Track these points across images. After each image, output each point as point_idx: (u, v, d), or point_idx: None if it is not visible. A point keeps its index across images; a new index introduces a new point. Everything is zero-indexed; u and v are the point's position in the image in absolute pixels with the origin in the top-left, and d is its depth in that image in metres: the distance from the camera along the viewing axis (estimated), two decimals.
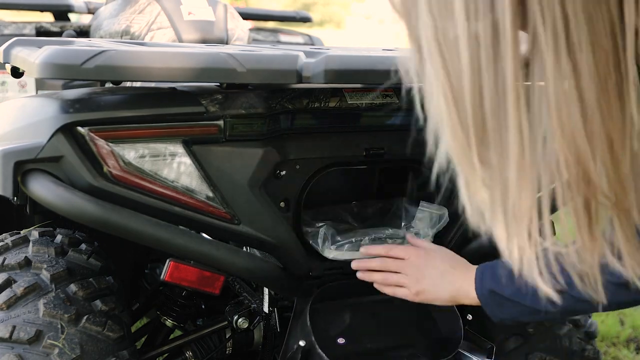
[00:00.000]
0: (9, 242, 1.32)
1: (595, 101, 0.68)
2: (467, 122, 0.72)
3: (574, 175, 0.70)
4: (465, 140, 0.73)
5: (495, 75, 0.69)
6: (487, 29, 0.66)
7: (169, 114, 1.16)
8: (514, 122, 0.69)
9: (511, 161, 0.71)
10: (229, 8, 2.27)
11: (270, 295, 1.49)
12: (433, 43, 0.69)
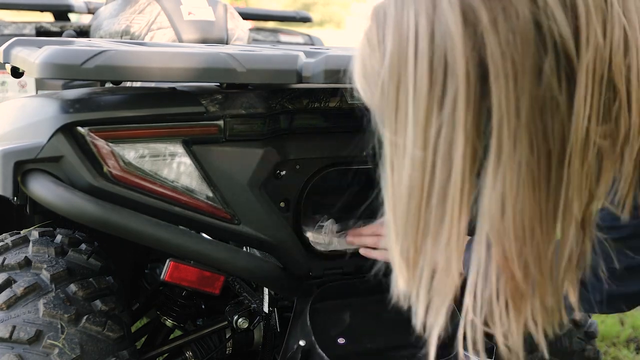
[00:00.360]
0: (9, 242, 1.32)
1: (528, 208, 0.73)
2: (396, 216, 0.78)
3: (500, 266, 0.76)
4: (395, 234, 0.80)
5: (441, 179, 0.73)
6: (441, 141, 0.71)
7: (169, 114, 1.16)
8: (454, 220, 0.75)
9: (446, 251, 0.77)
10: (229, 8, 2.27)
11: (270, 295, 1.49)
12: (387, 147, 0.75)
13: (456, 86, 0.68)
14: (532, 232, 0.75)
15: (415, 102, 0.70)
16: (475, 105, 0.69)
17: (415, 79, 0.70)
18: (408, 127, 0.72)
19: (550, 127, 0.70)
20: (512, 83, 0.68)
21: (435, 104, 0.70)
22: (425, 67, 0.69)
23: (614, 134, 0.75)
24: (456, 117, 0.70)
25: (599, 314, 1.37)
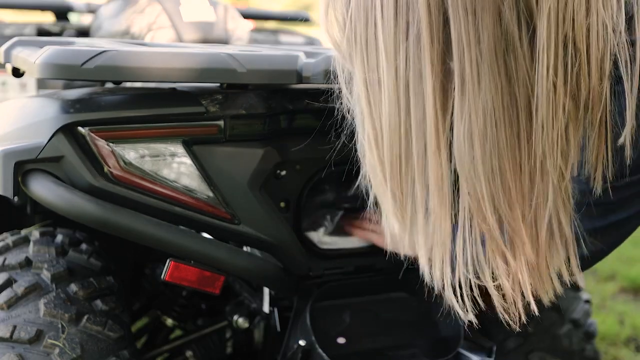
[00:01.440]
0: (9, 242, 1.33)
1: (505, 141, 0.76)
2: (383, 159, 0.82)
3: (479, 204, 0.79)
4: (383, 177, 0.83)
5: (416, 114, 0.77)
6: (410, 73, 0.76)
7: (169, 114, 1.16)
8: (433, 158, 0.78)
9: (432, 193, 0.80)
10: (230, 8, 2.27)
11: (270, 295, 1.49)
12: (362, 87, 0.79)
13: (419, 16, 0.73)
14: (503, 177, 0.77)
15: (383, 34, 0.75)
16: (438, 36, 0.74)
17: (382, 12, 0.75)
18: (380, 59, 0.77)
19: (513, 70, 0.74)
20: (471, 17, 0.72)
21: (401, 34, 0.75)
22: (390, 1, 0.75)
23: (576, 97, 0.78)
24: (422, 47, 0.74)
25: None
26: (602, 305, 2.96)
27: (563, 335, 1.59)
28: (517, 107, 0.76)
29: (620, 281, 3.21)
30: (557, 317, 1.61)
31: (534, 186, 0.80)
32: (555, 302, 1.19)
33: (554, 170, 0.79)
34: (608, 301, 3.00)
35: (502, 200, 0.79)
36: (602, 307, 2.93)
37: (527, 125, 0.77)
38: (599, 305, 2.93)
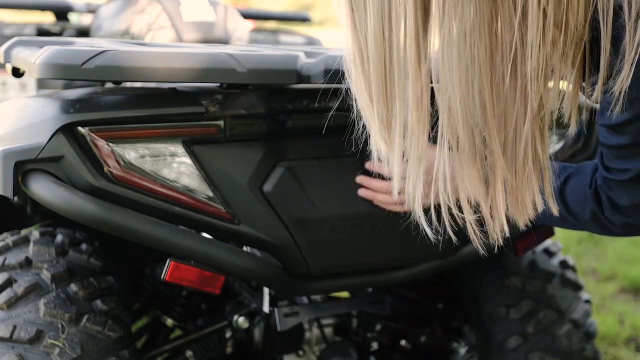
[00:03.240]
0: (9, 242, 1.33)
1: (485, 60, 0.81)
2: (370, 79, 0.87)
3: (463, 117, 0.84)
4: (368, 96, 0.89)
5: (398, 32, 0.83)
6: None
7: (169, 114, 1.16)
8: (413, 73, 0.83)
9: (411, 108, 0.85)
10: (230, 8, 2.27)
11: (270, 295, 1.50)
12: (347, 9, 0.85)
13: None
14: (481, 94, 0.82)
15: None
16: None
17: None
18: None
19: None
20: None
21: None
22: None
23: (563, 28, 0.82)
24: None
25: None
26: (602, 305, 2.96)
27: (563, 335, 1.59)
28: (500, 27, 0.80)
29: (620, 281, 3.21)
30: (557, 317, 1.61)
31: (513, 107, 0.83)
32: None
33: (536, 95, 0.83)
34: (608, 301, 3.00)
35: (478, 116, 0.83)
36: (602, 307, 2.93)
37: (510, 46, 0.80)
38: (599, 305, 2.93)
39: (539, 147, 0.89)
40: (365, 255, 1.35)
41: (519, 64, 0.81)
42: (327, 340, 1.61)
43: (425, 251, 1.41)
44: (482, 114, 0.84)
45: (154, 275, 1.75)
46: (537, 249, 1.72)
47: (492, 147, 0.86)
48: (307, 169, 1.25)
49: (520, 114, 0.84)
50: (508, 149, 0.87)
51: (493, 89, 0.82)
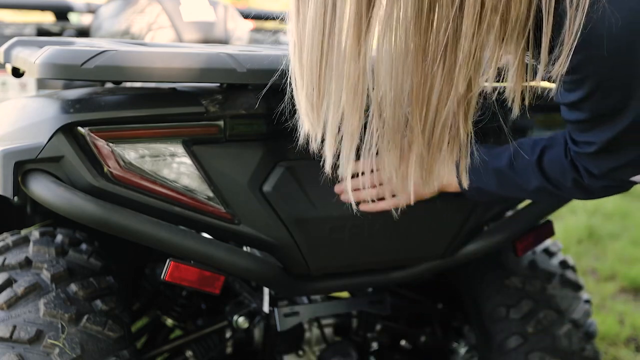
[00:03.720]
0: (9, 242, 1.33)
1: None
2: (303, 64, 0.94)
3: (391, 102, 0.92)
4: (301, 80, 0.96)
5: (342, 15, 0.88)
6: None
7: (169, 114, 1.16)
8: (351, 55, 0.89)
9: (346, 89, 0.91)
10: (230, 8, 2.27)
11: (270, 295, 1.50)
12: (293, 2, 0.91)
13: None
14: (412, 75, 0.89)
15: None
16: None
17: None
18: None
19: None
20: None
21: None
22: None
23: (504, 17, 0.88)
24: None
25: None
26: (602, 305, 2.96)
27: (563, 335, 1.59)
28: (437, 17, 0.86)
29: (620, 281, 3.21)
30: (557, 317, 1.61)
31: (438, 89, 0.90)
32: None
33: (464, 80, 0.89)
34: (608, 301, 3.00)
35: (405, 96, 0.91)
36: (602, 307, 2.93)
37: (444, 34, 0.86)
38: (599, 305, 2.93)
39: (461, 128, 0.96)
40: (365, 255, 1.35)
41: (449, 52, 0.87)
42: (327, 340, 1.61)
43: (425, 251, 1.41)
44: (410, 95, 0.91)
45: (154, 275, 1.75)
46: (537, 249, 1.72)
47: (413, 124, 0.93)
48: (307, 169, 1.25)
49: (444, 96, 0.91)
50: (427, 128, 0.94)
51: (421, 72, 0.89)
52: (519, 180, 1.18)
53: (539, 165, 1.15)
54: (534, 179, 1.16)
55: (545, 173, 1.15)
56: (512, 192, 1.21)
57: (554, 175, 1.14)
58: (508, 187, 1.20)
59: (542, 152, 1.15)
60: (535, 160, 1.15)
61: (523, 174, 1.17)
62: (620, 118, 0.95)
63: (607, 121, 0.96)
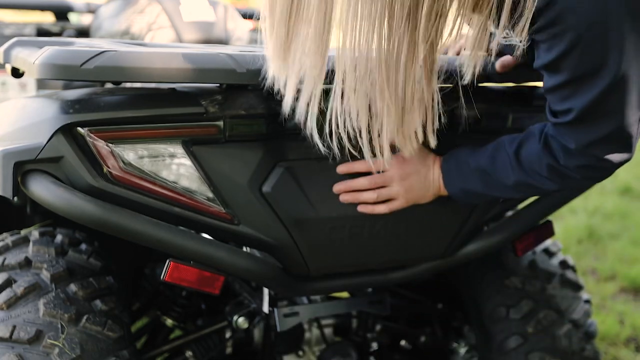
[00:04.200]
0: (9, 242, 1.33)
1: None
2: (275, 9, 1.04)
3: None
4: (272, 23, 1.05)
5: None
6: None
7: (168, 114, 1.16)
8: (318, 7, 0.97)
9: (311, 37, 0.99)
10: (230, 8, 2.27)
11: (270, 295, 1.50)
12: None
13: None
14: (377, 34, 0.95)
15: None
16: None
17: None
18: None
19: None
20: None
21: None
22: None
23: None
24: None
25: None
26: (602, 305, 2.96)
27: (563, 335, 1.59)
28: None
29: (620, 281, 3.20)
30: (557, 317, 1.61)
31: (404, 50, 0.97)
32: None
33: (425, 41, 0.96)
34: (608, 301, 3.00)
35: (374, 56, 0.97)
36: (602, 307, 2.93)
37: None
38: (599, 305, 2.93)
39: (425, 88, 1.03)
40: (365, 256, 1.35)
41: (412, 12, 0.94)
42: (327, 341, 1.61)
43: (425, 251, 1.41)
44: (377, 55, 0.97)
45: (154, 275, 1.75)
46: (537, 249, 1.72)
47: (383, 85, 0.99)
48: (306, 170, 1.25)
49: (410, 57, 0.97)
50: (397, 88, 1.00)
51: (389, 32, 0.95)
52: (500, 176, 1.20)
53: (516, 158, 1.17)
54: (512, 173, 1.18)
55: (522, 165, 1.17)
56: (495, 190, 1.23)
57: (530, 166, 1.16)
58: (491, 185, 1.22)
59: (519, 145, 1.18)
60: (513, 153, 1.18)
61: (503, 170, 1.19)
62: (599, 78, 0.98)
63: (587, 82, 0.99)
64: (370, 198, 1.26)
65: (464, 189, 1.25)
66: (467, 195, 1.26)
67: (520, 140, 1.18)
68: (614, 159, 1.08)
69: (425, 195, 1.29)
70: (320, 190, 1.26)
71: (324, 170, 1.27)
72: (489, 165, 1.21)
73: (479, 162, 1.23)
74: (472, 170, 1.23)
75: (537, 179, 1.17)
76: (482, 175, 1.22)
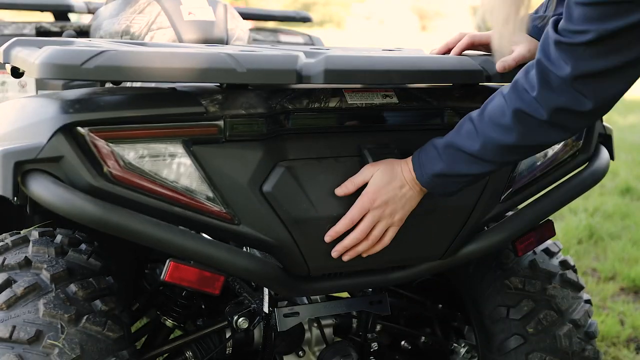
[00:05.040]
0: (9, 242, 1.32)
1: None
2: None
3: None
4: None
5: None
6: None
7: (169, 114, 1.16)
8: None
9: None
10: (229, 8, 2.26)
11: (270, 295, 1.49)
12: None
13: None
14: None
15: None
16: None
17: None
18: None
19: None
20: None
21: None
22: None
23: None
24: None
25: None
26: (603, 305, 2.96)
27: (563, 335, 1.59)
28: None
29: (621, 281, 3.20)
30: (557, 317, 1.61)
31: None
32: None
33: None
34: (608, 301, 3.00)
35: None
36: (603, 307, 2.93)
37: None
38: (599, 306, 2.93)
39: None
40: (365, 256, 1.34)
41: None
42: (327, 341, 1.61)
43: (425, 251, 1.41)
44: None
45: (154, 275, 1.75)
46: (537, 249, 1.71)
47: None
48: (307, 169, 1.25)
49: None
50: None
51: None
52: (465, 144, 1.20)
53: (480, 118, 1.19)
54: (476, 135, 1.18)
55: (484, 122, 1.18)
56: (462, 163, 1.21)
57: (493, 120, 1.17)
58: (458, 159, 1.21)
59: (483, 107, 1.20)
60: (477, 115, 1.19)
61: (467, 136, 1.20)
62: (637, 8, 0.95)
63: (625, 8, 0.97)
64: (361, 249, 1.29)
65: (434, 174, 1.23)
66: (440, 180, 1.24)
67: (485, 104, 1.20)
68: (595, 104, 1.07)
69: (412, 206, 1.28)
70: (320, 190, 1.26)
71: (324, 170, 1.27)
72: (454, 137, 1.21)
73: (446, 138, 1.23)
74: (439, 151, 1.22)
75: (499, 134, 1.16)
76: (449, 151, 1.21)
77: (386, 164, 1.27)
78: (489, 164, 1.22)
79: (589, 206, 4.18)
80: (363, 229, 1.27)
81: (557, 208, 1.50)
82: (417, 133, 1.31)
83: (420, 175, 1.24)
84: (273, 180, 1.23)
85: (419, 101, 1.34)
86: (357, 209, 1.26)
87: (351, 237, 1.27)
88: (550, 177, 1.49)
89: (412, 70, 1.26)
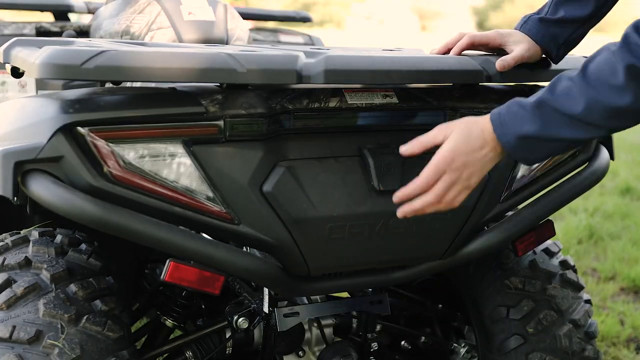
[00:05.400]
0: (9, 242, 1.32)
1: None
2: None
3: None
4: None
5: None
6: None
7: (169, 114, 1.16)
8: None
9: None
10: (229, 8, 2.26)
11: (270, 295, 1.49)
12: None
13: None
14: None
15: None
16: None
17: None
18: None
19: None
20: None
21: None
22: None
23: None
24: None
25: None
26: (603, 305, 2.96)
27: (563, 335, 1.59)
28: None
29: (621, 281, 3.20)
30: (557, 317, 1.61)
31: None
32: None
33: None
34: (608, 301, 3.00)
35: None
36: (603, 307, 2.93)
37: None
38: (599, 306, 2.93)
39: None
40: (365, 256, 1.34)
41: None
42: (327, 341, 1.61)
43: (425, 251, 1.41)
44: None
45: (154, 275, 1.75)
46: (537, 249, 1.71)
47: None
48: (307, 169, 1.25)
49: None
50: None
51: None
52: (562, 104, 1.08)
53: (582, 77, 1.07)
54: (578, 96, 1.06)
55: (589, 81, 1.06)
56: (557, 126, 1.10)
57: (601, 79, 1.05)
58: (552, 121, 1.09)
59: (584, 66, 1.08)
60: (579, 74, 1.08)
61: (565, 96, 1.07)
62: None
63: None
64: (435, 209, 1.19)
65: (521, 135, 1.11)
66: (527, 144, 1.12)
67: (585, 62, 1.07)
68: None
69: (487, 170, 1.17)
70: (320, 189, 1.26)
71: (324, 170, 1.27)
72: (547, 96, 1.09)
73: (535, 97, 1.10)
74: (527, 110, 1.10)
75: (609, 94, 1.04)
76: (543, 111, 1.09)
77: (462, 123, 1.16)
78: (594, 128, 1.09)
79: (589, 206, 4.18)
80: (438, 193, 1.16)
81: (557, 208, 1.50)
82: (417, 133, 1.31)
83: (502, 135, 1.12)
84: (273, 180, 1.23)
85: (419, 101, 1.34)
86: (433, 171, 1.15)
87: (423, 200, 1.17)
88: (550, 177, 1.49)
89: (412, 70, 1.26)
